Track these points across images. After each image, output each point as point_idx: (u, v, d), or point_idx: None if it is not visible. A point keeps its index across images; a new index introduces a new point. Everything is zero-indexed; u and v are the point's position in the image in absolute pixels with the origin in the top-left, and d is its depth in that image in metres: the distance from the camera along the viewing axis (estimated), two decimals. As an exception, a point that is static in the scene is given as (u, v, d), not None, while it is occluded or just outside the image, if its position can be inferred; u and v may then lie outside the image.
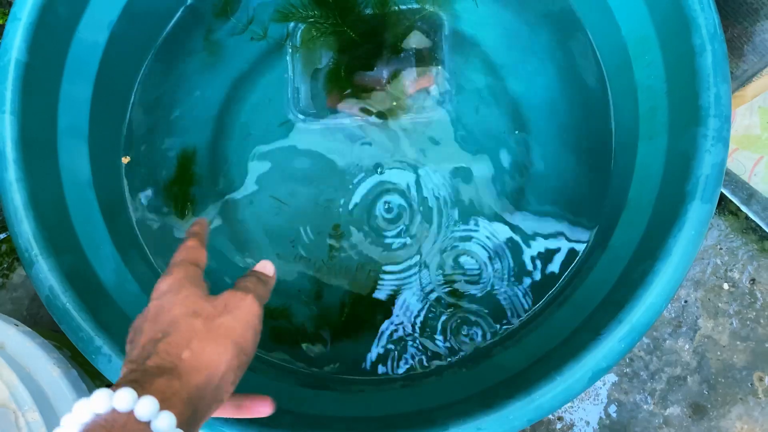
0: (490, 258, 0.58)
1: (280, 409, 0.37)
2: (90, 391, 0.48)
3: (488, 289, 0.57)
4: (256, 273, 0.38)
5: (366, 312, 0.58)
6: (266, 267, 0.39)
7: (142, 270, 0.55)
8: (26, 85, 0.49)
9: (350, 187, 0.60)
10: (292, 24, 0.63)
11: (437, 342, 0.56)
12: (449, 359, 0.55)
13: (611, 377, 0.70)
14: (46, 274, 0.45)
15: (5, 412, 0.41)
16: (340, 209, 0.60)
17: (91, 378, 0.53)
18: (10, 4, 0.60)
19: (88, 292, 0.47)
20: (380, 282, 0.59)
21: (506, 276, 0.57)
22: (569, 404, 0.69)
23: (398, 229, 0.59)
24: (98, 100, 0.56)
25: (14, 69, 0.48)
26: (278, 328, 0.58)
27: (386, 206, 0.60)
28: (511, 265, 0.58)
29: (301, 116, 0.61)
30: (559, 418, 0.69)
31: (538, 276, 0.57)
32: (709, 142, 0.45)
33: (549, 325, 0.51)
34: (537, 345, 0.49)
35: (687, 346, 0.71)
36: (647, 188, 0.50)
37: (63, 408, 0.45)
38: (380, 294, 0.58)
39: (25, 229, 0.46)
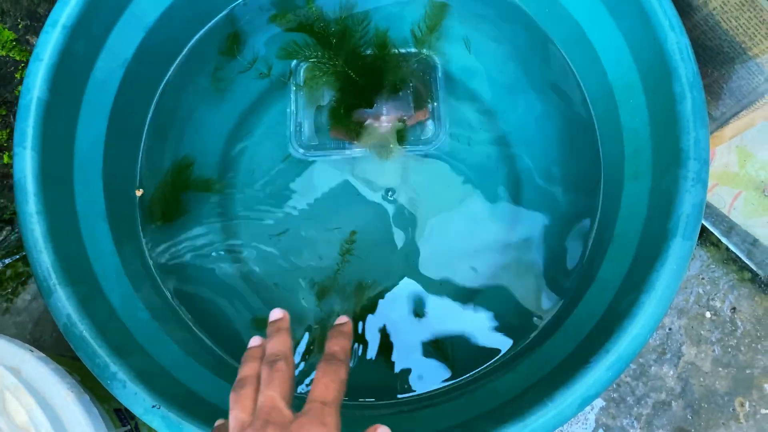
0: (479, 288, 0.61)
1: None
2: (101, 415, 0.50)
3: (482, 317, 0.60)
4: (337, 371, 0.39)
5: (366, 336, 0.61)
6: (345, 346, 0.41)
7: (152, 298, 0.57)
8: (46, 122, 0.51)
9: (351, 215, 0.63)
10: (294, 63, 0.66)
11: (433, 367, 0.58)
12: (446, 384, 0.57)
13: (599, 402, 0.73)
14: (63, 302, 0.47)
15: (25, 435, 0.43)
16: (343, 237, 0.63)
17: (101, 402, 0.54)
18: (30, 45, 0.62)
19: (102, 320, 0.49)
20: (380, 307, 0.61)
21: (500, 305, 0.60)
22: (559, 429, 0.71)
23: (396, 255, 0.62)
24: (112, 135, 0.58)
25: (36, 107, 0.51)
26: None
27: (386, 234, 0.63)
28: (503, 294, 0.60)
29: (302, 150, 0.64)
30: (549, 442, 0.72)
31: (530, 305, 0.60)
32: (689, 183, 0.48)
33: (540, 354, 0.54)
34: (529, 372, 0.51)
35: (671, 372, 0.73)
36: (632, 224, 0.53)
37: (75, 430, 0.47)
38: (380, 318, 0.61)
39: (44, 259, 0.48)
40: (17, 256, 0.80)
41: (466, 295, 0.61)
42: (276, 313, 0.44)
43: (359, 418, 0.55)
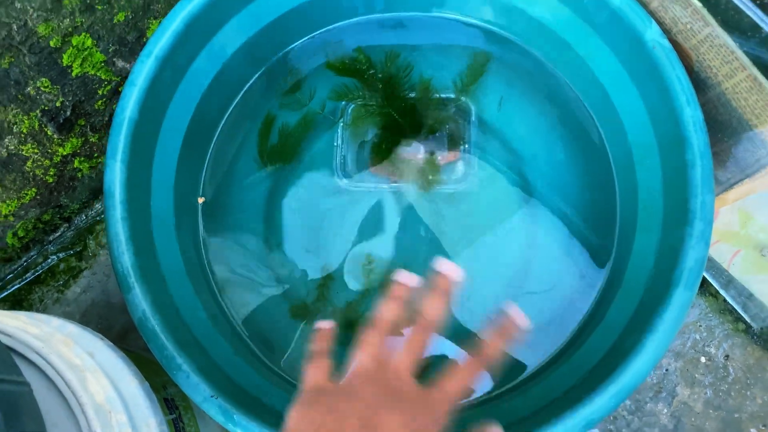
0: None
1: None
2: (160, 403, 0.56)
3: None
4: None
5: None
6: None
7: (209, 301, 0.64)
8: (134, 139, 0.58)
9: (381, 241, 0.70)
10: (344, 103, 0.73)
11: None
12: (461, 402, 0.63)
13: (596, 432, 0.78)
14: (140, 299, 0.54)
15: (103, 411, 0.49)
16: (371, 260, 0.69)
17: (155, 391, 0.61)
18: (116, 66, 0.70)
19: (169, 317, 0.55)
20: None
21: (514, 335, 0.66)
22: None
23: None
24: (184, 154, 0.65)
25: (127, 125, 0.58)
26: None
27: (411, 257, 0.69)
28: (519, 326, 0.66)
29: (345, 179, 0.71)
30: (548, 465, 0.77)
31: (542, 339, 0.65)
32: (694, 240, 0.54)
33: (550, 381, 0.59)
34: (540, 396, 0.57)
35: (665, 410, 0.79)
36: (641, 273, 0.58)
37: (138, 414, 0.53)
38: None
39: (125, 259, 0.55)
40: (71, 252, 0.87)
41: (479, 321, 0.66)
42: (445, 266, 0.40)
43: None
